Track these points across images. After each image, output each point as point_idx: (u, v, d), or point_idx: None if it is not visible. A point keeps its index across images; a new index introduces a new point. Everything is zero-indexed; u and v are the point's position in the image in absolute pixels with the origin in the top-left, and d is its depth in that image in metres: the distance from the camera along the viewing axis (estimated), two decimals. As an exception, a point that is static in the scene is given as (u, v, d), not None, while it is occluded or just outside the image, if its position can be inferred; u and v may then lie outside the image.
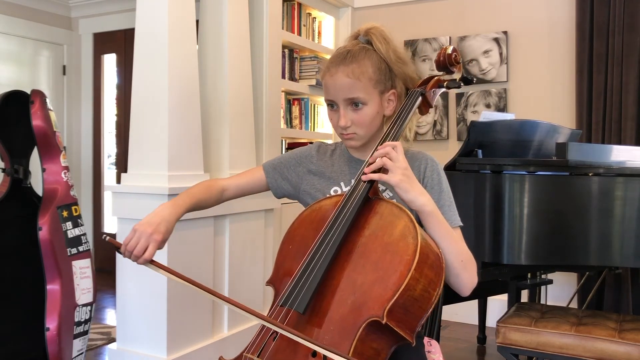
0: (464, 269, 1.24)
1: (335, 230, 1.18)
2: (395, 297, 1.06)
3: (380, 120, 1.37)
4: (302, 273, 1.15)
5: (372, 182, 1.23)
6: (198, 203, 1.40)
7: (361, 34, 1.38)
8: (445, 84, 1.42)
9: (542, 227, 2.06)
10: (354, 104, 1.32)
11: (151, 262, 1.23)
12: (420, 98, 1.38)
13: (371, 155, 1.26)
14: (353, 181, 1.36)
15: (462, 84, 1.44)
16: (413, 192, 1.20)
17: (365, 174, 1.22)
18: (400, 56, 1.36)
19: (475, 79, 2.82)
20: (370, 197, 1.23)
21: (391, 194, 1.36)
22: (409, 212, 1.17)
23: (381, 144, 1.27)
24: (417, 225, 1.14)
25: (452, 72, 1.44)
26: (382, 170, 1.22)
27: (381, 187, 1.34)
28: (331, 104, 1.36)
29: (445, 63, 1.42)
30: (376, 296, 1.08)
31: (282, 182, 1.49)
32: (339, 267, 1.16)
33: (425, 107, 1.42)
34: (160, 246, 1.26)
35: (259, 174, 1.51)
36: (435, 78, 1.42)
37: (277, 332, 1.15)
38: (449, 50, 1.41)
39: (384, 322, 1.05)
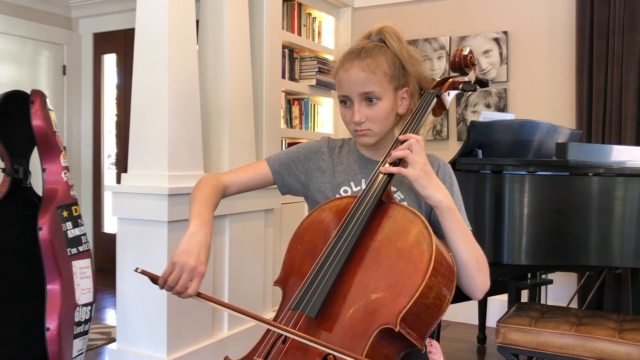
0: (478, 270, 1.23)
1: (348, 233, 1.17)
2: (408, 305, 1.05)
3: (393, 117, 1.35)
4: (314, 277, 1.14)
5: (386, 185, 1.21)
6: (214, 208, 1.32)
7: (373, 34, 1.37)
8: (460, 86, 1.40)
9: (542, 227, 2.06)
10: (369, 99, 1.30)
11: (198, 295, 1.14)
12: (435, 100, 1.37)
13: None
14: (364, 182, 1.35)
15: (477, 87, 1.42)
16: (431, 188, 1.20)
17: (386, 164, 1.23)
18: (413, 55, 1.35)
19: (490, 82, 2.82)
20: (383, 200, 1.22)
21: (402, 196, 1.35)
22: (423, 218, 1.16)
23: (394, 146, 1.27)
24: (431, 231, 1.13)
25: (466, 74, 1.42)
26: (402, 163, 1.22)
27: (392, 189, 1.33)
28: (344, 101, 1.34)
29: (461, 64, 1.40)
30: (389, 303, 1.07)
31: (289, 179, 1.43)
32: (351, 271, 1.15)
33: (439, 109, 1.41)
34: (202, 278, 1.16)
35: (264, 170, 1.43)
36: (450, 80, 1.40)
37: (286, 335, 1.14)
38: (465, 52, 1.40)
39: (397, 330, 1.04)
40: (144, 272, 1.14)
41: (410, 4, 3.98)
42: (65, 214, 2.09)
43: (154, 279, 1.16)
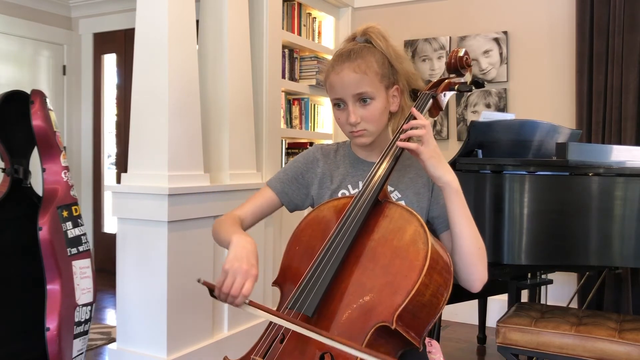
0: (479, 258, 1.24)
1: (344, 232, 1.17)
2: (405, 303, 1.06)
3: (387, 116, 1.37)
4: (310, 276, 1.15)
5: (382, 184, 1.22)
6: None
7: (358, 35, 1.38)
8: (456, 87, 1.41)
9: (542, 227, 2.06)
10: (362, 99, 1.31)
11: (249, 304, 1.14)
12: (431, 101, 1.37)
13: (381, 158, 1.26)
14: (361, 183, 1.35)
15: (473, 88, 1.43)
16: (442, 169, 1.22)
17: (401, 140, 1.23)
18: (399, 53, 1.37)
19: (487, 83, 2.80)
20: (379, 199, 1.22)
21: (400, 195, 1.35)
22: (419, 217, 1.17)
23: (390, 147, 1.28)
24: (427, 230, 1.14)
25: (462, 75, 1.43)
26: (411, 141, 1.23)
27: (389, 189, 1.34)
28: (338, 103, 1.35)
29: (457, 65, 1.41)
30: (386, 301, 1.08)
31: (293, 195, 1.45)
32: (347, 270, 1.15)
33: (435, 110, 1.42)
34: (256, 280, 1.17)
35: (268, 194, 1.45)
36: (446, 81, 1.41)
37: (284, 334, 1.14)
38: (461, 53, 1.41)
39: (393, 327, 1.04)
40: (205, 284, 1.13)
41: (410, 4, 3.98)
42: (65, 214, 2.09)
43: (212, 289, 1.16)
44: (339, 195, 1.39)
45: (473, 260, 1.23)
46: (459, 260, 1.24)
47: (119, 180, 3.51)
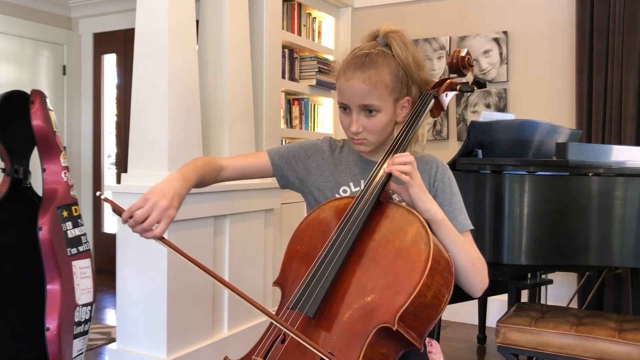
0: (475, 272, 1.26)
1: (346, 233, 1.17)
2: (406, 304, 1.05)
3: (392, 126, 1.35)
4: (312, 276, 1.14)
5: (384, 185, 1.21)
6: (202, 179, 1.32)
7: (380, 35, 1.34)
8: (458, 87, 1.40)
9: (542, 227, 2.06)
10: (368, 110, 1.30)
11: (160, 239, 1.13)
12: (432, 101, 1.37)
13: (384, 158, 1.26)
14: (363, 183, 1.35)
15: (475, 88, 1.43)
16: (429, 202, 1.21)
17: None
18: (418, 62, 1.34)
19: (487, 83, 2.78)
20: (381, 200, 1.22)
21: (399, 198, 1.35)
22: (421, 218, 1.16)
23: (392, 147, 1.28)
24: (429, 231, 1.13)
25: (464, 75, 1.43)
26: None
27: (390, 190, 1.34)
28: (344, 107, 1.34)
29: (459, 66, 1.41)
30: (387, 302, 1.08)
31: (288, 172, 1.44)
32: (349, 270, 1.15)
33: (437, 110, 1.41)
34: (170, 221, 1.15)
35: (264, 160, 1.44)
36: (448, 81, 1.41)
37: (285, 335, 1.14)
38: (463, 53, 1.40)
39: (395, 328, 1.04)
40: (107, 200, 1.09)
41: (410, 4, 3.98)
42: (65, 214, 2.09)
43: (118, 211, 1.11)
44: (340, 191, 1.38)
45: (469, 275, 1.26)
46: (456, 275, 1.25)
47: (119, 180, 3.51)
